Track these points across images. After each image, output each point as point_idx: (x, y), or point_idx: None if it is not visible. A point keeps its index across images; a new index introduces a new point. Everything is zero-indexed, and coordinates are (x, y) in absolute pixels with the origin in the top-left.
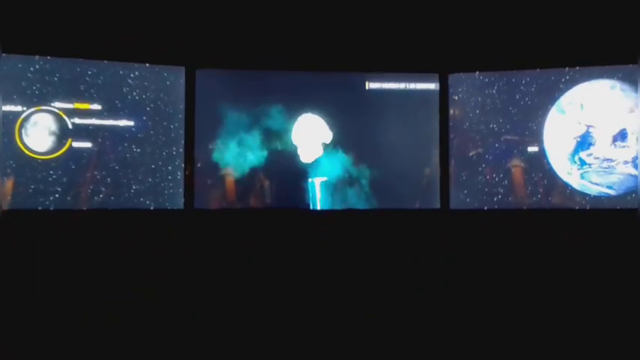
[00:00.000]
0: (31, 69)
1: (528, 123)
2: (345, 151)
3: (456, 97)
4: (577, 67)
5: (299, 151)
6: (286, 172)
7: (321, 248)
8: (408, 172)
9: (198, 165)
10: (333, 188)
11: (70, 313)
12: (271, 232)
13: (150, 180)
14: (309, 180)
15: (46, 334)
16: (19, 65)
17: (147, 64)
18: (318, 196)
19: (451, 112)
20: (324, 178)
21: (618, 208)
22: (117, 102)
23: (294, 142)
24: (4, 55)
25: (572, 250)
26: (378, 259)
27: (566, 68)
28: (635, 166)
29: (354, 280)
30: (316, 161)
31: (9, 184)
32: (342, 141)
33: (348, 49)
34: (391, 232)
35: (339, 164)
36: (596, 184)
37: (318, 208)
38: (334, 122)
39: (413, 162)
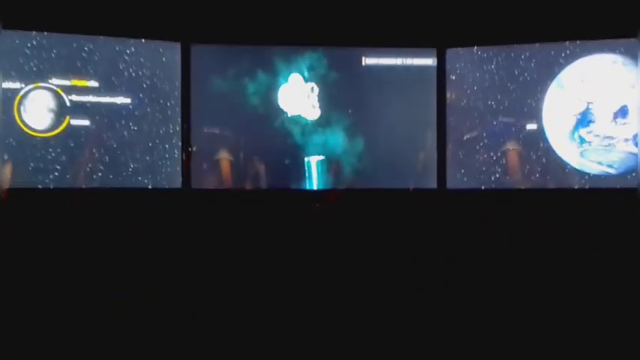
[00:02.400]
0: (28, 45)
1: (527, 99)
2: (340, 129)
3: (454, 74)
4: (577, 42)
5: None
6: (282, 151)
7: (317, 228)
8: (404, 150)
9: (195, 148)
10: (329, 167)
11: (71, 290)
12: (268, 211)
13: (147, 158)
14: (305, 159)
15: (47, 310)
16: (17, 41)
17: (142, 40)
18: (314, 176)
19: (449, 87)
20: (321, 157)
21: (618, 187)
22: (113, 79)
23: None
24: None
25: (570, 229)
26: (375, 238)
27: (567, 42)
28: (636, 144)
29: (351, 258)
30: (312, 139)
31: (8, 161)
32: (337, 118)
33: (344, 23)
34: (387, 212)
35: (335, 143)
36: (596, 162)
37: (315, 187)
38: (329, 98)
39: (409, 139)
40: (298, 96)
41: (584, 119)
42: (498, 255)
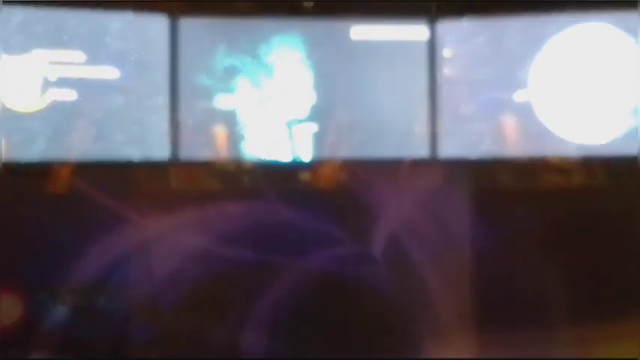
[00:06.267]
0: (12, 19)
1: (516, 71)
2: (330, 99)
3: (445, 45)
4: (567, 13)
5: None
6: (271, 122)
7: (310, 197)
8: (395, 121)
9: (188, 121)
10: (319, 138)
11: (62, 267)
12: (255, 183)
13: (135, 130)
14: (295, 129)
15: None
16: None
17: (129, 13)
18: (304, 147)
19: (439, 60)
20: (313, 129)
21: (610, 155)
22: (100, 52)
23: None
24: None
25: (562, 198)
26: (368, 209)
27: (555, 14)
28: (628, 114)
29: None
30: (303, 110)
31: None
32: (327, 89)
33: None
34: (379, 182)
35: (325, 113)
36: (586, 131)
37: (305, 159)
38: (319, 70)
39: (400, 110)
40: (286, 67)
41: (573, 89)
42: (489, 225)
